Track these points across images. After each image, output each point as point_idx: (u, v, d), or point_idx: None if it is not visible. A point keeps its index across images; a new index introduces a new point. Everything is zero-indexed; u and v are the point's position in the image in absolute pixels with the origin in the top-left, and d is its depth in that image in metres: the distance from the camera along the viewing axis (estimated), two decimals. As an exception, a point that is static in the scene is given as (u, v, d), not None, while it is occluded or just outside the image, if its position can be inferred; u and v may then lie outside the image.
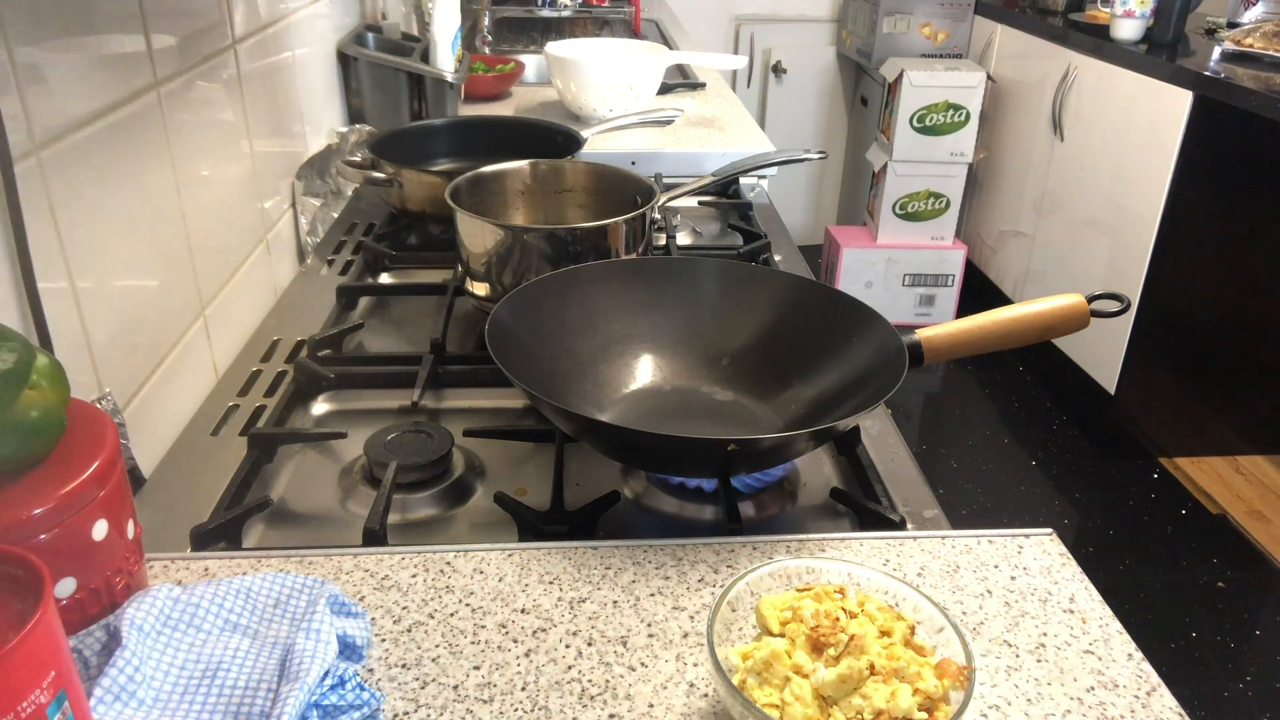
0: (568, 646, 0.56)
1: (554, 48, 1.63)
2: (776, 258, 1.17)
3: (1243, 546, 2.15)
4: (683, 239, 1.26)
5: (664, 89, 1.74)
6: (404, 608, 0.58)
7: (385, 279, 1.13)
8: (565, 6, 2.78)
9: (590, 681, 0.53)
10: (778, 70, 3.50)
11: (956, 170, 2.95)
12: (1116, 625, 0.58)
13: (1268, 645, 1.90)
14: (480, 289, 0.95)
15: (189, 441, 0.79)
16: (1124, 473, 2.42)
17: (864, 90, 3.43)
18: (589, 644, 0.56)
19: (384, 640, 0.56)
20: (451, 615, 0.58)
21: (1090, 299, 0.76)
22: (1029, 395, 2.77)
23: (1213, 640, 1.89)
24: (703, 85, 1.88)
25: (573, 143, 1.23)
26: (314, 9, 1.33)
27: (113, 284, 0.74)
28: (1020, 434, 2.58)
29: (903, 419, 2.66)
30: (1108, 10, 2.55)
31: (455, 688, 0.53)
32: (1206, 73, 2.14)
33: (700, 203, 1.36)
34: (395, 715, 0.51)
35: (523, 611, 0.58)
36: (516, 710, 0.51)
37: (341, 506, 0.73)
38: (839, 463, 0.78)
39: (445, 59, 1.52)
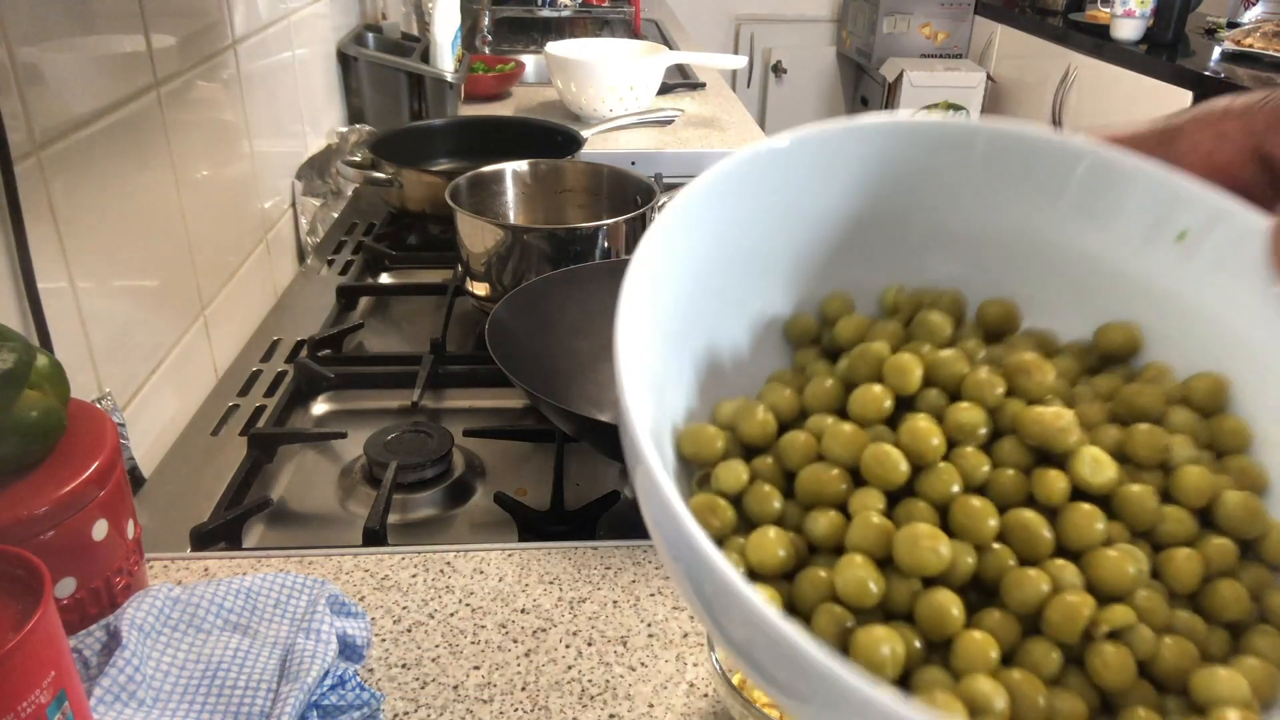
0: (568, 646, 0.56)
1: (554, 48, 1.63)
2: (776, 258, 1.17)
3: (1243, 546, 2.15)
4: (683, 239, 1.25)
5: (664, 89, 1.74)
6: (404, 608, 0.58)
7: (385, 279, 1.13)
8: (565, 6, 2.78)
9: (590, 681, 0.53)
10: (778, 70, 3.50)
11: (956, 170, 2.95)
12: (1116, 625, 0.58)
13: (1268, 645, 1.89)
14: (480, 289, 0.95)
15: (189, 441, 0.79)
16: (1124, 473, 2.42)
17: (864, 90, 3.43)
18: (589, 644, 0.56)
19: (384, 640, 0.56)
20: (451, 615, 0.58)
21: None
22: (1029, 395, 2.77)
23: (1213, 640, 1.89)
24: (703, 85, 1.88)
25: (573, 143, 1.23)
26: (314, 9, 1.33)
27: (113, 284, 0.74)
28: (1020, 434, 2.58)
29: (903, 419, 2.65)
30: (1108, 10, 2.55)
31: (455, 688, 0.53)
32: (1206, 73, 2.14)
33: (700, 203, 1.36)
34: (395, 715, 0.51)
35: (523, 611, 0.58)
36: (516, 710, 0.51)
37: (341, 506, 0.73)
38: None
39: (445, 59, 1.52)
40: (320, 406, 0.86)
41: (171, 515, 0.69)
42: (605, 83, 1.57)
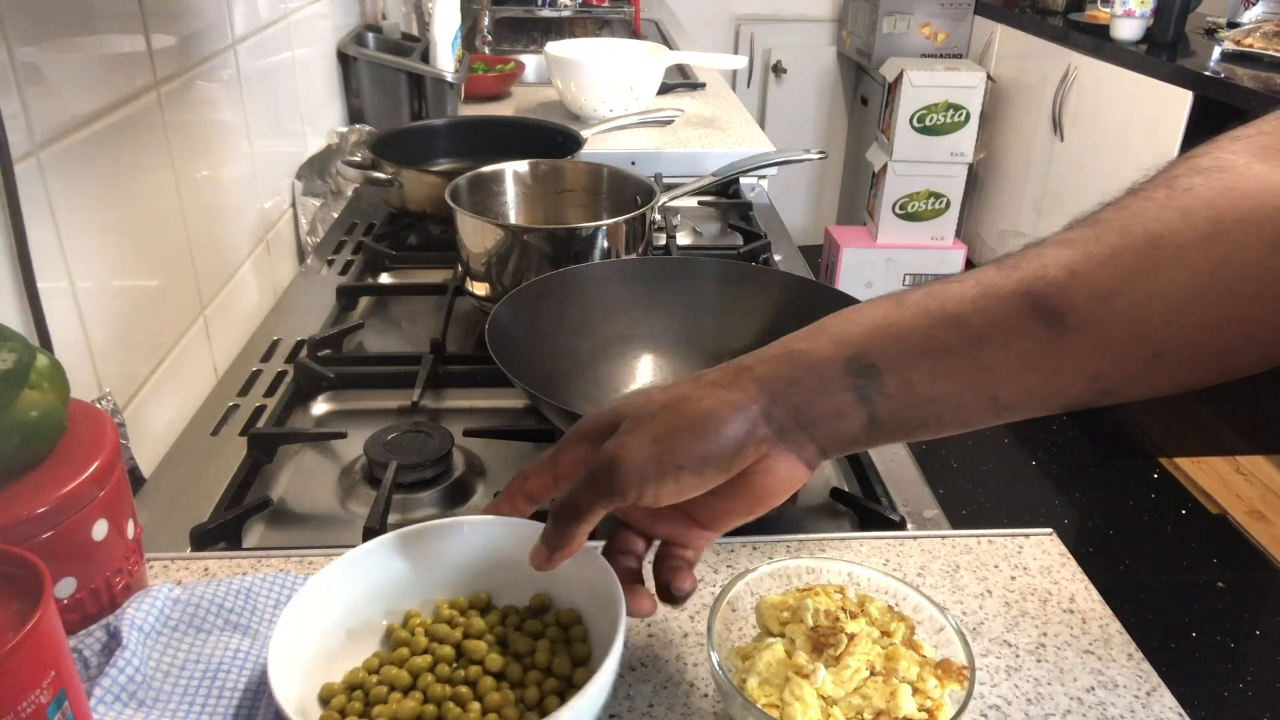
0: (568, 646, 0.56)
1: (554, 48, 1.63)
2: (776, 258, 1.17)
3: (1243, 546, 2.15)
4: (683, 239, 1.26)
5: (664, 89, 1.74)
6: (404, 608, 0.58)
7: (385, 279, 1.13)
8: (565, 6, 2.78)
9: (590, 681, 0.53)
10: (778, 70, 3.50)
11: (956, 170, 2.95)
12: (1116, 625, 0.58)
13: (1268, 645, 1.90)
14: (480, 289, 0.95)
15: (189, 441, 0.79)
16: (1124, 473, 2.42)
17: (864, 90, 3.43)
18: (589, 644, 0.56)
19: (384, 640, 0.56)
20: (451, 615, 0.58)
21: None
22: (1029, 395, 2.76)
23: (1213, 640, 1.89)
24: (703, 85, 1.88)
25: (573, 143, 1.23)
26: (314, 9, 1.33)
27: (113, 284, 0.74)
28: (1020, 434, 2.58)
29: (903, 419, 2.65)
30: (1108, 10, 2.55)
31: (455, 688, 0.53)
32: (1206, 73, 2.14)
33: (700, 203, 1.36)
34: (395, 715, 0.51)
35: (523, 611, 0.58)
36: (516, 710, 0.51)
37: (341, 506, 0.73)
38: (839, 463, 0.78)
39: (445, 59, 1.52)
40: (320, 406, 0.86)
41: (171, 515, 0.69)
42: (605, 83, 1.57)
